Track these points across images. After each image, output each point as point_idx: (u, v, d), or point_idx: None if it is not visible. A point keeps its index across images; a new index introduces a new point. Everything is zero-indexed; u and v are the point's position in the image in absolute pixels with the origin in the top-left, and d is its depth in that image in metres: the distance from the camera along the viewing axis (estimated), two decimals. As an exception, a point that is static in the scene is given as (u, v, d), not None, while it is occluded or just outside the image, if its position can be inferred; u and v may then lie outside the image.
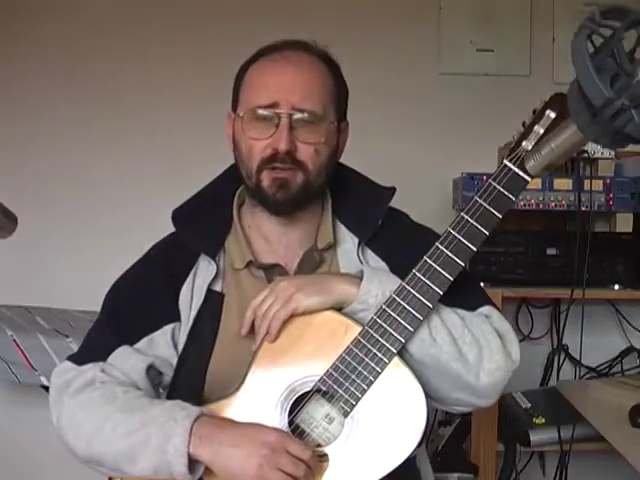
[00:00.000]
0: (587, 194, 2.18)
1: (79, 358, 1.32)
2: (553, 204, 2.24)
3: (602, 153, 2.27)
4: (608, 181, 2.26)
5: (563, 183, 2.24)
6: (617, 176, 2.30)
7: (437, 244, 1.22)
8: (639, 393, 1.95)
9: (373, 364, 1.19)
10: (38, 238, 2.39)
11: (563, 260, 2.21)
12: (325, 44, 1.39)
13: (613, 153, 2.29)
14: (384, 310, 1.20)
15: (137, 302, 1.35)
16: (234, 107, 1.38)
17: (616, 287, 2.24)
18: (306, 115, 1.30)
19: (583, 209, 2.18)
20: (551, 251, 2.23)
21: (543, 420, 2.21)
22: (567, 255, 2.19)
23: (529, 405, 2.26)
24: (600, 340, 2.49)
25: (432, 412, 2.36)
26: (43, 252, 2.47)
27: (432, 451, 2.33)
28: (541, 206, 2.24)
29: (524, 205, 2.23)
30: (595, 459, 2.41)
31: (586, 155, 2.21)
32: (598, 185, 2.25)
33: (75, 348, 1.49)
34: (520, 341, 1.68)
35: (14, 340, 2.10)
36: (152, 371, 1.30)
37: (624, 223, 2.28)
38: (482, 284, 2.13)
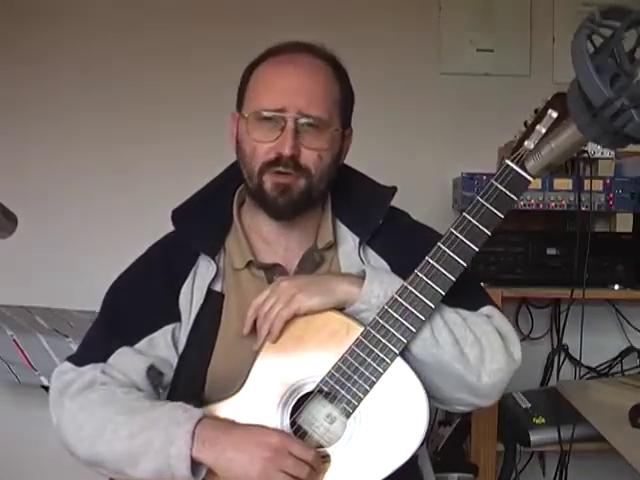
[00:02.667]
0: (587, 194, 2.18)
1: (79, 359, 1.31)
2: (553, 204, 2.24)
3: (602, 153, 2.27)
4: (608, 181, 2.26)
5: (563, 183, 2.24)
6: (617, 176, 2.30)
7: (439, 244, 1.21)
8: (639, 393, 1.96)
9: (375, 365, 1.18)
10: (38, 238, 2.39)
11: (563, 260, 2.21)
12: (324, 43, 1.38)
13: (613, 153, 2.29)
14: (386, 310, 1.20)
15: (137, 302, 1.35)
16: (239, 107, 1.37)
17: (616, 287, 2.24)
18: (312, 120, 1.30)
19: (583, 209, 2.18)
20: (551, 251, 2.23)
21: (543, 420, 2.21)
22: (567, 255, 2.19)
23: (529, 405, 2.26)
24: (600, 340, 2.48)
25: (432, 412, 2.38)
26: (43, 252, 2.47)
27: (432, 451, 2.32)
28: (541, 206, 2.24)
29: (524, 205, 2.23)
30: (595, 459, 2.41)
31: (586, 155, 2.21)
32: (598, 185, 2.25)
33: (75, 348, 1.49)
34: (520, 341, 1.64)
35: (14, 340, 2.10)
36: (152, 372, 1.29)
37: (624, 223, 2.28)
38: (482, 284, 2.14)
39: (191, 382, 1.31)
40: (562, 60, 2.48)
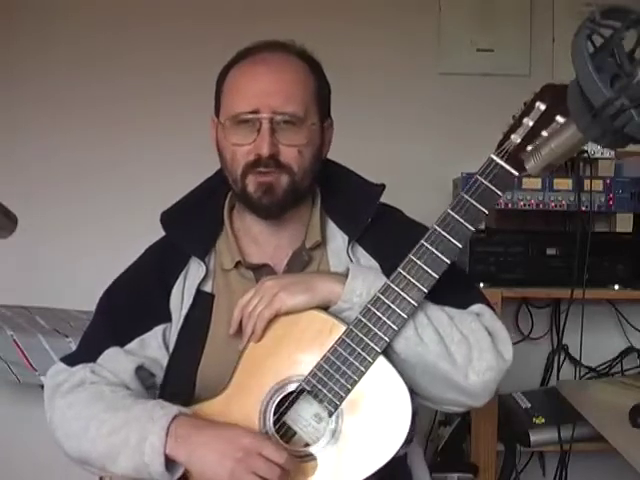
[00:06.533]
0: (587, 194, 2.18)
1: (71, 359, 1.33)
2: (553, 204, 2.24)
3: (602, 153, 2.27)
4: (608, 181, 2.26)
5: (563, 183, 2.24)
6: (617, 176, 2.30)
7: (422, 242, 1.20)
8: (639, 393, 1.96)
9: (357, 363, 1.18)
10: (38, 238, 2.39)
11: (563, 260, 2.21)
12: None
13: (613, 153, 2.29)
14: (369, 309, 1.19)
15: (129, 303, 1.36)
16: (216, 112, 1.38)
17: (616, 287, 2.24)
18: (287, 117, 1.29)
19: (583, 209, 2.18)
20: (551, 251, 2.23)
21: (543, 420, 2.21)
22: (567, 255, 2.19)
23: (529, 405, 2.26)
24: (600, 340, 2.49)
25: (432, 412, 2.39)
26: (43, 252, 2.47)
27: (432, 451, 2.33)
28: (541, 206, 2.24)
29: (524, 205, 2.23)
30: (595, 459, 2.41)
31: (586, 155, 2.22)
32: (598, 185, 2.25)
33: (75, 348, 1.50)
34: (520, 341, 1.67)
35: (14, 340, 2.10)
36: (142, 372, 1.30)
37: (624, 223, 2.28)
38: (482, 284, 2.15)
39: (181, 382, 1.31)
40: (562, 60, 2.48)
